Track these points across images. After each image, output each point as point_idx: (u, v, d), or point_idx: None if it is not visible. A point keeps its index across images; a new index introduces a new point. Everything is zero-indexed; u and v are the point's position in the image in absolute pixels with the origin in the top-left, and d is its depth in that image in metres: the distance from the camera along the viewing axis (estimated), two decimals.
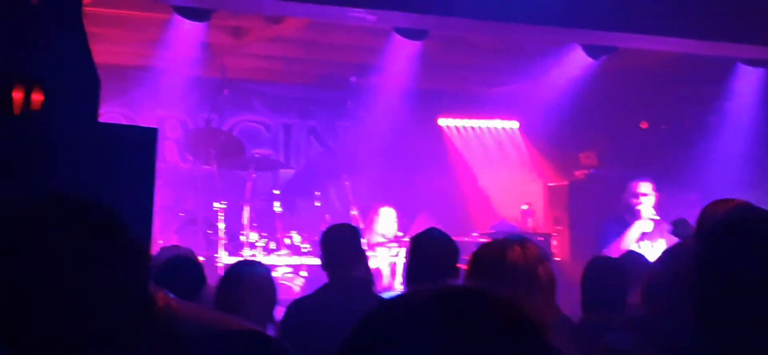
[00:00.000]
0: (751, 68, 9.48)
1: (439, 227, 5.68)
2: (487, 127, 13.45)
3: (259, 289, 5.04)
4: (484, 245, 3.79)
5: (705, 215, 4.84)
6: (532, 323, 1.37)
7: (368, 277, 5.97)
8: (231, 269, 5.33)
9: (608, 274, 5.47)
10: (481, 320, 1.34)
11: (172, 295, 2.30)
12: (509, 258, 3.57)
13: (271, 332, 4.91)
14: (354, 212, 10.95)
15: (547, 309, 3.63)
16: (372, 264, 10.04)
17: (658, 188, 8.74)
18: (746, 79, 9.79)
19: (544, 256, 3.74)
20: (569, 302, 5.42)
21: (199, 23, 8.22)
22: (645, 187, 8.68)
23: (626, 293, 5.35)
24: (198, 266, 5.50)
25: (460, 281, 5.29)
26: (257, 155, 11.30)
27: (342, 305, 5.31)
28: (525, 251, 3.62)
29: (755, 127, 10.32)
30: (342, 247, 5.96)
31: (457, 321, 1.33)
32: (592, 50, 8.74)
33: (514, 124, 13.42)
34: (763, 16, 8.27)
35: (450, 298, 1.39)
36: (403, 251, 9.42)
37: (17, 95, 5.03)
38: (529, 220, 11.78)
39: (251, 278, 5.08)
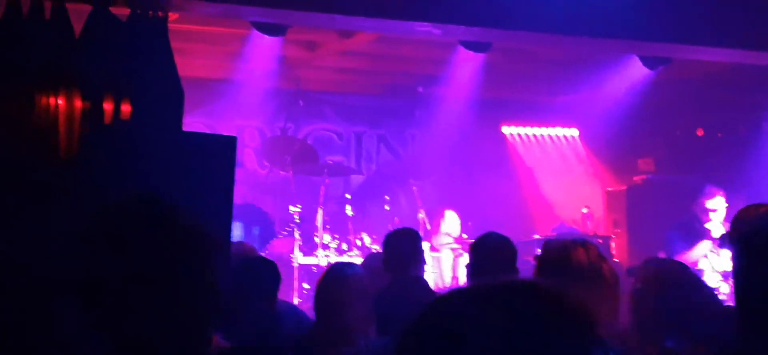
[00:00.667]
0: None
1: (502, 229, 5.70)
2: (549, 135, 13.40)
3: (360, 290, 4.82)
4: (546, 248, 3.80)
5: (737, 220, 4.76)
6: (583, 315, 1.39)
7: (422, 278, 6.07)
8: (331, 271, 5.06)
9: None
10: (533, 310, 1.37)
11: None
12: (574, 258, 3.58)
13: (372, 332, 4.83)
14: (421, 215, 11.00)
15: (613, 304, 3.64)
16: (437, 264, 10.20)
17: (728, 199, 8.53)
18: None
19: (605, 255, 3.76)
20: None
21: (276, 38, 8.31)
22: (715, 202, 8.45)
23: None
24: (274, 267, 5.51)
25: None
26: (330, 162, 11.45)
27: (399, 301, 5.34)
28: (588, 251, 3.64)
29: None
30: (402, 249, 6.06)
31: (510, 311, 1.36)
32: (648, 61, 8.67)
33: (574, 132, 13.35)
34: None
35: (504, 290, 1.42)
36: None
37: (108, 106, 5.15)
38: (589, 223, 11.70)
39: (352, 280, 4.86)
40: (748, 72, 9.71)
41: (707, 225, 8.38)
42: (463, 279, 9.76)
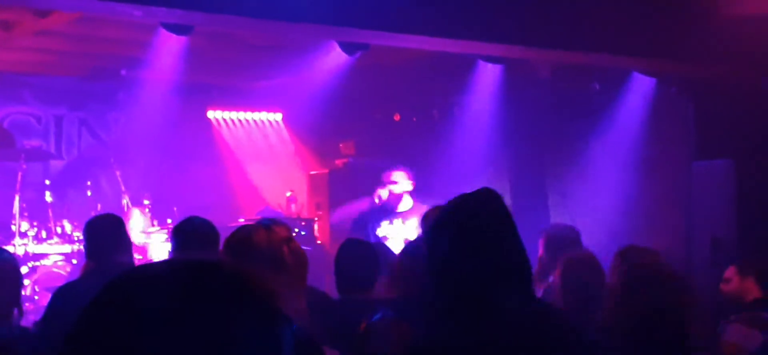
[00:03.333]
0: (489, 65, 9.82)
1: (208, 214, 5.60)
2: (254, 119, 13.41)
3: (3, 276, 4.65)
4: (235, 230, 3.77)
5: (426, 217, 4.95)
6: (267, 293, 1.37)
7: (132, 263, 5.80)
8: None
9: (359, 255, 5.50)
10: (212, 287, 1.33)
11: None
12: (255, 240, 3.58)
13: (16, 316, 4.66)
14: (125, 201, 10.73)
15: (294, 287, 3.63)
16: (141, 252, 9.96)
17: (412, 176, 8.91)
18: (486, 75, 10.14)
19: (291, 238, 3.75)
20: (332, 281, 5.47)
21: None
22: (397, 175, 8.86)
23: (376, 275, 5.42)
24: None
25: None
26: (28, 146, 10.95)
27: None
28: (269, 234, 3.63)
29: (492, 118, 10.71)
30: (105, 235, 5.78)
31: (189, 288, 1.32)
32: (346, 47, 8.82)
33: (278, 116, 13.42)
34: (499, 16, 8.58)
35: (184, 268, 1.37)
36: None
37: None
38: (293, 206, 11.83)
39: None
40: (441, 59, 10.11)
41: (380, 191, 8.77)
42: None
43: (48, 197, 10.31)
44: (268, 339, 1.33)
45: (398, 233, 8.62)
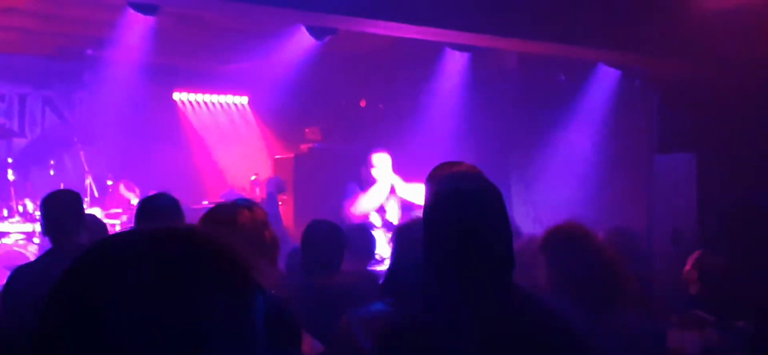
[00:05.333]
0: (457, 53, 9.74)
1: (173, 195, 5.48)
2: (219, 102, 13.25)
3: None
4: (216, 206, 3.68)
5: (431, 176, 4.76)
6: (241, 261, 1.34)
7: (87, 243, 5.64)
8: None
9: (326, 236, 5.42)
10: (189, 255, 1.30)
11: None
12: (239, 220, 3.50)
13: None
14: (88, 181, 10.55)
15: (271, 268, 3.58)
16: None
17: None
18: (453, 63, 10.06)
19: (268, 221, 3.70)
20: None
21: None
22: (379, 158, 8.55)
23: (342, 254, 5.34)
24: None
25: None
26: None
27: (63, 269, 4.97)
28: (253, 214, 3.56)
29: (458, 106, 10.64)
30: (63, 212, 5.61)
31: (167, 256, 1.29)
32: (315, 31, 8.69)
33: (244, 100, 13.28)
34: (467, 4, 8.50)
35: (161, 237, 1.34)
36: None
37: None
38: (257, 189, 11.70)
39: None
40: (408, 47, 10.01)
41: (374, 173, 8.44)
42: None
43: (10, 175, 10.12)
44: (239, 306, 1.30)
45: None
